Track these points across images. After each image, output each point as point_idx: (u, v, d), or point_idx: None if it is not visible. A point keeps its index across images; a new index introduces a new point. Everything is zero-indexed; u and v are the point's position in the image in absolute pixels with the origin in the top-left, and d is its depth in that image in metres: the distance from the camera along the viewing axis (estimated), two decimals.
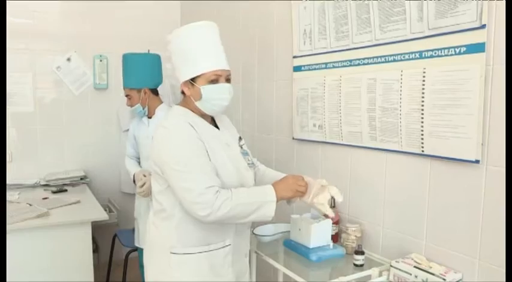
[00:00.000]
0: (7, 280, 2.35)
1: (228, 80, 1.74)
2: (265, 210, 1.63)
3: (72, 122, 3.63)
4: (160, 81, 2.93)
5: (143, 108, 2.81)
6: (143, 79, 2.80)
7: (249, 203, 1.61)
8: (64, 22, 3.64)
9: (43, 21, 3.58)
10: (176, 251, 1.70)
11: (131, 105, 2.83)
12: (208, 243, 1.72)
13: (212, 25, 1.78)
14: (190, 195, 1.57)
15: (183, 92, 1.77)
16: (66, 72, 3.63)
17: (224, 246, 1.76)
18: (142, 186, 2.65)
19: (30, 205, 2.79)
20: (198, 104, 1.72)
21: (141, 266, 3.03)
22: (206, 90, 1.69)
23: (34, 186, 3.43)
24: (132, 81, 2.80)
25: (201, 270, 1.72)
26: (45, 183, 3.44)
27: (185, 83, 1.72)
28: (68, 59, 2.98)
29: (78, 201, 2.93)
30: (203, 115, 1.77)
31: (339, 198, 1.73)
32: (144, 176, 2.65)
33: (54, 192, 3.23)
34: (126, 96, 2.84)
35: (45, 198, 3.03)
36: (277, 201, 1.64)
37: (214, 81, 1.69)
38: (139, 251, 2.94)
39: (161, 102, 2.89)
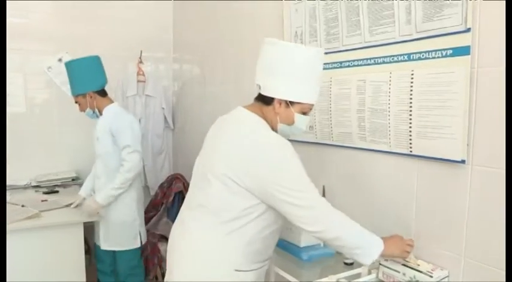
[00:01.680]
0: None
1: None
2: (369, 252, 1.57)
3: (63, 122, 3.63)
4: (104, 82, 2.88)
5: (93, 112, 2.82)
6: (85, 83, 2.78)
7: (359, 236, 1.59)
8: (55, 22, 3.65)
9: (34, 21, 3.58)
10: (242, 269, 1.62)
11: (83, 111, 2.83)
12: (265, 259, 1.72)
13: (323, 52, 1.68)
14: (312, 212, 1.53)
15: (265, 102, 1.66)
16: (57, 72, 3.60)
17: (269, 258, 1.77)
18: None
19: (23, 206, 2.80)
20: (281, 125, 1.65)
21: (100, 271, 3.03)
22: (299, 119, 1.65)
23: (25, 187, 3.43)
24: (75, 87, 2.80)
25: None
26: (36, 184, 3.44)
27: (280, 100, 1.62)
28: (60, 60, 2.98)
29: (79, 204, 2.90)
30: None
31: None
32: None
33: (45, 193, 3.23)
34: (76, 103, 2.83)
35: (44, 200, 3.01)
36: (382, 255, 1.60)
37: (305, 113, 1.66)
38: (104, 252, 2.92)
39: (111, 102, 2.88)
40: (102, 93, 2.86)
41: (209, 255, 1.63)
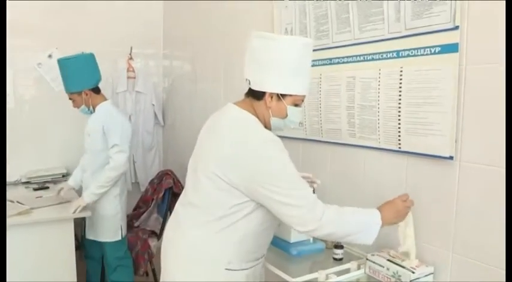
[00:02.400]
0: None
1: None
2: (368, 234, 1.55)
3: (53, 118, 3.60)
4: (98, 79, 2.91)
5: (88, 109, 2.85)
6: (81, 81, 2.79)
7: (354, 223, 1.56)
8: (45, 18, 3.61)
9: (24, 16, 3.54)
10: (232, 268, 1.60)
11: (77, 107, 2.87)
12: (257, 258, 1.70)
13: (312, 44, 1.65)
14: (301, 212, 1.49)
15: (256, 97, 1.63)
16: (47, 69, 3.58)
17: (262, 256, 1.76)
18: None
19: (12, 202, 2.78)
20: (274, 119, 1.62)
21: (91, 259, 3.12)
22: (292, 111, 1.61)
23: (15, 183, 3.42)
24: (71, 85, 2.81)
25: None
26: (26, 180, 3.43)
27: (272, 94, 1.58)
28: (49, 56, 2.95)
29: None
30: (265, 126, 1.66)
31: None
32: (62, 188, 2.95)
33: (35, 190, 3.22)
34: (70, 99, 2.86)
35: (39, 197, 3.00)
36: (382, 226, 1.56)
37: (297, 104, 1.63)
38: (91, 242, 3.00)
39: (104, 99, 2.92)
40: (97, 90, 2.88)
41: (199, 254, 1.62)
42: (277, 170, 1.51)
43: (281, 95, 1.58)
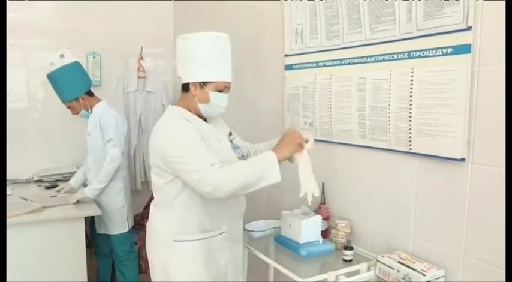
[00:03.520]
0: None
1: (228, 90, 1.90)
2: (270, 173, 1.69)
3: (64, 118, 3.61)
4: (90, 83, 3.10)
5: (87, 111, 3.03)
6: (76, 88, 2.98)
7: (251, 171, 1.70)
8: (57, 18, 3.64)
9: (37, 17, 3.58)
10: (178, 239, 1.83)
11: (77, 114, 3.04)
12: (206, 231, 1.86)
13: (227, 37, 1.93)
14: (197, 175, 1.68)
15: (185, 89, 1.88)
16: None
17: (221, 233, 1.90)
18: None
19: (26, 200, 2.83)
20: (201, 105, 1.86)
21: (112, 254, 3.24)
22: (214, 96, 1.84)
23: (27, 181, 3.45)
24: (67, 94, 2.97)
25: (200, 256, 1.85)
26: (38, 178, 3.46)
27: (194, 83, 1.84)
28: (61, 56, 2.96)
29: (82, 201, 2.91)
30: (197, 114, 1.89)
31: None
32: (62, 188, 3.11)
33: (47, 188, 3.24)
34: (68, 108, 3.03)
35: (53, 196, 3.03)
36: (279, 161, 1.71)
37: (220, 90, 1.85)
38: (100, 236, 3.16)
39: (99, 100, 3.09)
40: (90, 93, 3.07)
41: (153, 230, 1.94)
42: (176, 144, 1.74)
43: (203, 83, 1.82)
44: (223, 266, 1.93)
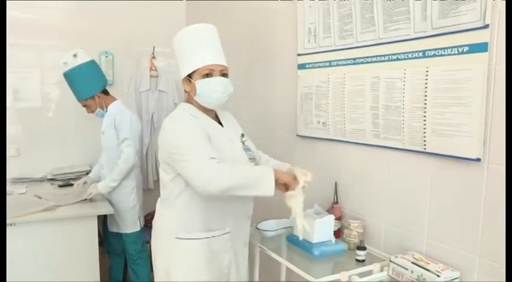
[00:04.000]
0: (14, 270, 2.42)
1: (224, 75, 1.87)
2: (265, 184, 1.68)
3: (78, 117, 3.64)
4: (106, 82, 3.14)
5: (103, 110, 3.06)
6: (92, 86, 3.01)
7: (248, 175, 1.71)
8: (70, 18, 3.67)
9: (50, 17, 3.61)
10: (180, 236, 1.84)
11: (92, 112, 3.06)
12: (210, 230, 1.86)
13: (209, 26, 1.92)
14: (192, 167, 1.69)
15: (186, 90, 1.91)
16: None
17: (224, 233, 1.90)
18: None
19: (40, 198, 2.86)
20: (196, 98, 1.85)
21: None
22: (200, 84, 1.82)
23: (41, 180, 3.49)
24: (84, 92, 3.01)
25: (202, 255, 1.85)
26: (51, 177, 3.49)
27: (184, 80, 1.87)
28: (74, 55, 2.99)
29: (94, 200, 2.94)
30: (206, 110, 1.89)
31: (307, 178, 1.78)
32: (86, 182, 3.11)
33: (60, 186, 3.27)
34: (84, 106, 3.06)
35: (66, 194, 3.06)
36: (276, 179, 1.69)
37: (207, 75, 1.82)
38: (112, 235, 3.19)
39: (114, 99, 3.11)
40: (106, 92, 3.10)
41: (157, 226, 1.96)
42: (178, 136, 1.75)
43: (189, 76, 1.84)
44: (226, 267, 1.93)
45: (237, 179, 1.68)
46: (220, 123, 1.95)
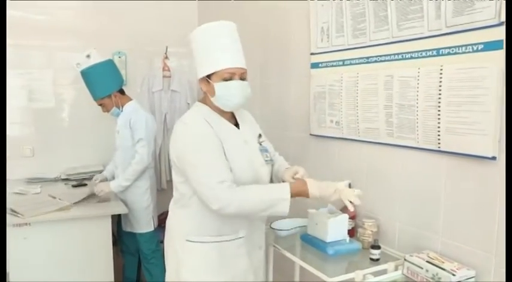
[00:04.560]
0: (29, 269, 2.48)
1: (242, 79, 1.79)
2: (279, 207, 1.67)
3: (91, 117, 3.67)
4: (123, 81, 3.17)
5: (119, 109, 3.07)
6: (109, 85, 3.02)
7: (261, 200, 1.68)
8: (83, 19, 3.70)
9: (63, 17, 3.65)
10: (191, 239, 1.82)
11: (108, 111, 3.08)
12: (220, 234, 1.82)
13: (230, 24, 1.84)
14: (202, 189, 1.68)
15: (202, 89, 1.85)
16: None
17: (237, 238, 1.85)
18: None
19: (54, 198, 2.88)
20: (213, 100, 1.79)
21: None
22: (219, 87, 1.75)
23: (55, 180, 3.52)
24: (100, 91, 3.02)
25: (212, 259, 1.82)
26: (65, 177, 3.53)
27: (202, 79, 1.80)
28: (88, 56, 3.02)
29: (109, 200, 2.97)
30: (221, 111, 1.84)
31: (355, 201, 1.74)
32: (96, 180, 3.15)
33: (74, 186, 3.30)
34: (100, 105, 3.07)
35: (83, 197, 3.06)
36: (291, 197, 1.68)
37: (227, 79, 1.75)
38: (126, 235, 3.22)
39: (130, 99, 3.13)
40: (122, 91, 3.12)
41: (170, 227, 1.94)
42: (190, 149, 1.72)
43: (208, 77, 1.76)
44: (241, 272, 1.88)
45: (253, 204, 1.68)
46: (237, 124, 1.90)
